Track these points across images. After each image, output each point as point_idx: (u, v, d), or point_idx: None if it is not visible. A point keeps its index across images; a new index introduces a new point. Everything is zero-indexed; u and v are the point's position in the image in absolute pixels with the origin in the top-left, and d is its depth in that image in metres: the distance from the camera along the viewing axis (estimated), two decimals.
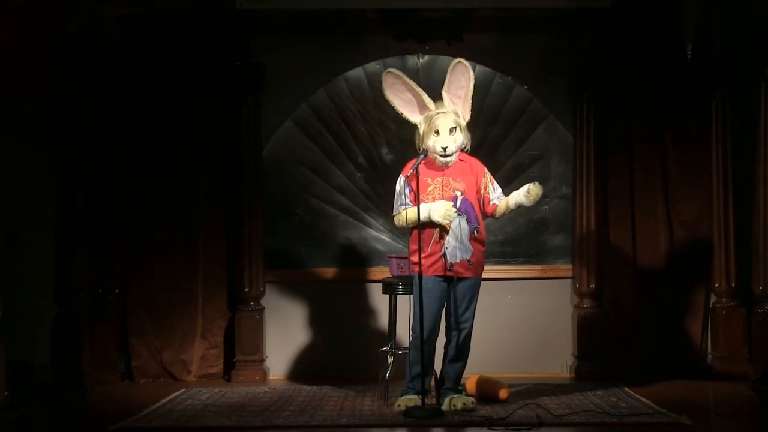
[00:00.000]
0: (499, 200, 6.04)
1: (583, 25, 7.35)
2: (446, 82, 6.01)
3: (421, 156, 5.96)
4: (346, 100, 7.51)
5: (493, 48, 7.48)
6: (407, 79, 6.05)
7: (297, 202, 7.53)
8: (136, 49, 7.22)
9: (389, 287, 6.44)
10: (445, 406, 5.93)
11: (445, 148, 5.89)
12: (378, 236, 7.54)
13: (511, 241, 7.54)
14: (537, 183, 5.94)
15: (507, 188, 7.45)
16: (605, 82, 7.37)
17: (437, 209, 5.85)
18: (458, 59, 6.01)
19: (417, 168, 5.86)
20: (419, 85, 6.11)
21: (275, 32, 7.45)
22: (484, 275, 6.09)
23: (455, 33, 7.40)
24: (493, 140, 7.48)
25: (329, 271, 7.51)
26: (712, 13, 6.87)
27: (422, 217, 5.84)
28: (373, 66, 7.45)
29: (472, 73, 6.00)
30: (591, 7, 7.22)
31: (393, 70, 6.14)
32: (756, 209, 7.09)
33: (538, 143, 7.54)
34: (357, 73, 7.51)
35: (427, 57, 7.47)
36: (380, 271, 7.23)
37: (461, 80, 5.98)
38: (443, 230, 5.88)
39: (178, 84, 7.29)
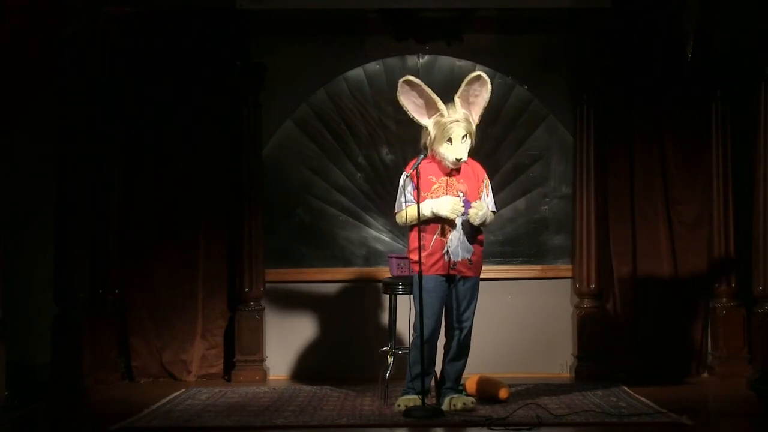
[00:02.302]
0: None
1: (583, 24, 7.34)
2: (461, 89, 5.94)
3: (421, 156, 5.96)
4: (346, 100, 7.51)
5: (493, 48, 7.48)
6: (425, 87, 5.93)
7: (297, 202, 7.53)
8: (135, 50, 7.22)
9: (389, 287, 6.44)
10: (445, 406, 5.93)
11: (459, 159, 5.90)
12: (378, 236, 7.54)
13: (511, 241, 7.53)
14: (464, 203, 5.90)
15: (507, 188, 7.50)
16: (605, 82, 7.37)
17: (444, 204, 5.85)
18: (478, 72, 5.98)
19: (417, 168, 5.86)
20: None
21: (275, 32, 7.45)
22: (484, 275, 6.09)
23: (455, 33, 7.40)
24: (493, 140, 7.48)
25: (329, 271, 7.51)
26: (713, 13, 6.87)
27: (427, 213, 5.84)
28: (373, 66, 7.46)
29: (489, 87, 5.97)
30: (591, 7, 7.21)
31: (410, 78, 5.96)
32: (756, 209, 7.09)
33: (538, 143, 7.54)
34: (357, 73, 7.51)
35: (427, 57, 7.47)
36: (380, 271, 7.23)
37: (481, 93, 5.94)
38: (449, 225, 5.87)
39: (177, 84, 7.29)
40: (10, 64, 6.42)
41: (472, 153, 6.12)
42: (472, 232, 5.93)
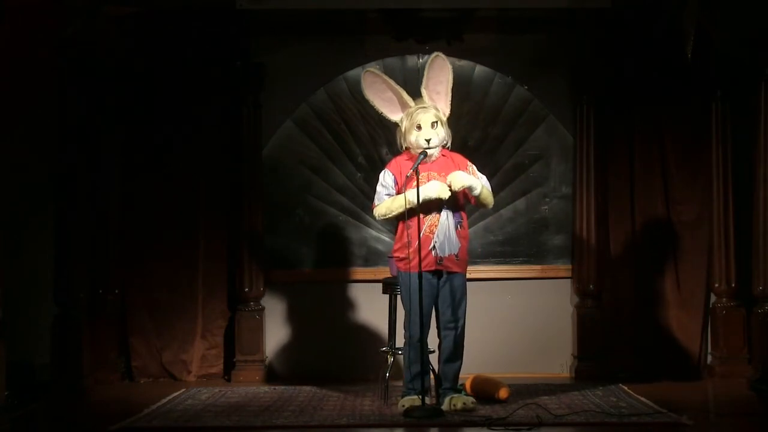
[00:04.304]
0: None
1: (583, 25, 7.34)
2: (424, 77, 6.03)
3: (422, 156, 5.95)
4: (346, 100, 7.51)
5: (493, 48, 7.48)
6: (386, 78, 6.07)
7: (297, 202, 7.53)
8: (135, 50, 7.21)
9: (389, 287, 6.44)
10: (445, 406, 5.92)
11: (429, 140, 5.91)
12: (378, 236, 7.54)
13: (511, 241, 7.53)
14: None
15: (507, 188, 7.50)
16: (605, 82, 7.37)
17: (432, 187, 5.83)
18: (436, 53, 6.04)
19: (417, 168, 5.85)
20: (419, 86, 6.11)
21: (275, 32, 7.45)
22: (484, 275, 6.12)
23: (455, 33, 7.40)
24: (493, 140, 7.48)
25: (329, 271, 7.51)
26: (713, 13, 6.86)
27: (412, 203, 5.81)
28: (373, 66, 7.44)
29: (450, 66, 6.01)
30: (591, 7, 7.21)
31: (372, 69, 6.17)
32: (756, 209, 7.09)
33: (538, 143, 7.54)
34: (357, 73, 7.49)
35: (427, 57, 7.46)
36: (380, 271, 7.22)
37: (439, 75, 6.00)
38: (435, 221, 5.87)
39: (178, 84, 7.29)
40: (10, 64, 6.42)
41: (472, 151, 6.12)
42: (456, 226, 5.92)
